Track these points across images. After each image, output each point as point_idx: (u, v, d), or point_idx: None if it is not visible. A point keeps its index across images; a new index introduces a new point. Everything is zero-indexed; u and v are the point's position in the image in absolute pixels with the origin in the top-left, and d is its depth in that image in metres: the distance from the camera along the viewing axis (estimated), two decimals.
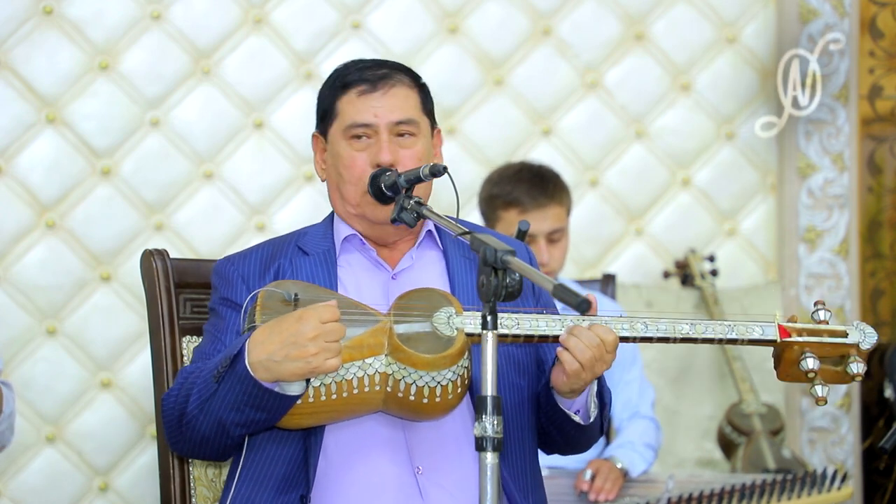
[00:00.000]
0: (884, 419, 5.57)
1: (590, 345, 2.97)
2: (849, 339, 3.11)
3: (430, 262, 3.24)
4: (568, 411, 3.12)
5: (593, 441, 3.25)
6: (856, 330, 3.13)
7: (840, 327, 3.12)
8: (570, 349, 2.98)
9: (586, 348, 2.97)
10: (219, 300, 3.21)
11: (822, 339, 3.10)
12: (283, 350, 2.92)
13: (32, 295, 5.29)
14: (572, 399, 3.11)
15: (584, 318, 3.01)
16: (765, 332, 3.10)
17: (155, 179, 5.40)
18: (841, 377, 3.12)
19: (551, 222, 4.61)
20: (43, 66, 5.33)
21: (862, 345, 3.11)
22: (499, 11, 5.64)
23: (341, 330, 2.93)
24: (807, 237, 5.76)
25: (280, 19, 5.50)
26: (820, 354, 3.10)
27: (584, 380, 3.02)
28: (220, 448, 3.09)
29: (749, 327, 3.09)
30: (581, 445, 3.25)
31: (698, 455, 5.56)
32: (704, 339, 3.07)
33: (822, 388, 3.10)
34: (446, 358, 2.97)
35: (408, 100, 3.22)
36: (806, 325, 3.11)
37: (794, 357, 3.10)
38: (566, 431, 3.17)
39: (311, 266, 3.19)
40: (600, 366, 3.00)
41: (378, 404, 3.02)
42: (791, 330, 3.10)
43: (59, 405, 5.30)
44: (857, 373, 3.10)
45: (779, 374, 3.14)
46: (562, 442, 3.23)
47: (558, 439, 3.22)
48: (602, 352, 2.99)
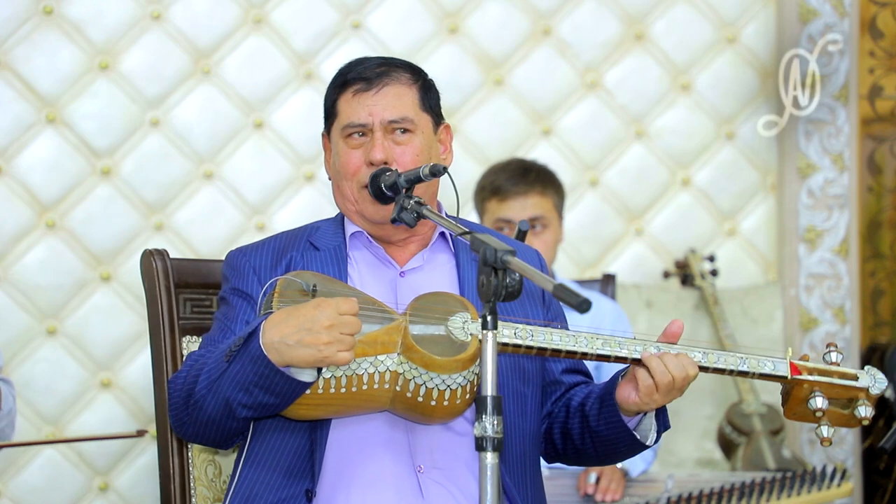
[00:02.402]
0: (884, 419, 5.57)
1: (674, 370, 3.02)
2: (859, 382, 3.12)
3: (441, 264, 3.25)
4: (634, 430, 3.13)
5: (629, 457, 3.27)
6: (867, 375, 3.14)
7: (851, 370, 3.13)
8: (653, 371, 3.02)
9: (668, 373, 3.01)
10: (230, 290, 3.22)
11: (833, 380, 3.11)
12: (297, 335, 2.92)
13: (32, 295, 5.29)
14: (631, 417, 3.13)
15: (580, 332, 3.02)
16: (776, 367, 3.11)
17: (155, 179, 5.41)
18: (847, 420, 3.13)
19: (531, 210, 4.61)
20: (43, 66, 5.33)
21: (872, 390, 3.12)
22: (499, 11, 5.64)
23: (357, 324, 2.93)
24: (807, 237, 5.76)
25: (280, 19, 5.50)
26: (829, 395, 3.10)
27: (655, 402, 3.06)
28: (224, 431, 3.09)
29: (761, 361, 3.10)
30: (614, 460, 3.28)
31: (698, 455, 5.56)
32: (716, 368, 3.09)
33: (828, 429, 3.11)
34: (458, 362, 2.98)
35: (403, 98, 3.22)
36: (817, 365, 3.12)
37: (803, 395, 3.11)
38: (614, 446, 3.18)
39: (321, 261, 3.20)
40: (675, 394, 3.04)
41: (385, 403, 3.03)
42: (802, 368, 3.11)
43: (59, 405, 5.30)
44: (865, 416, 3.11)
45: (786, 411, 3.15)
46: (594, 455, 3.23)
47: (592, 452, 3.22)
48: (683, 384, 3.04)
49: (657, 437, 3.17)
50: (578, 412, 3.20)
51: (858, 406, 3.11)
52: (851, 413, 3.12)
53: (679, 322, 3.10)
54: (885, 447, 3.37)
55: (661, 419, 3.16)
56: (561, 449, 3.26)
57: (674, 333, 3.08)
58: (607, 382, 3.15)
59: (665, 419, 3.17)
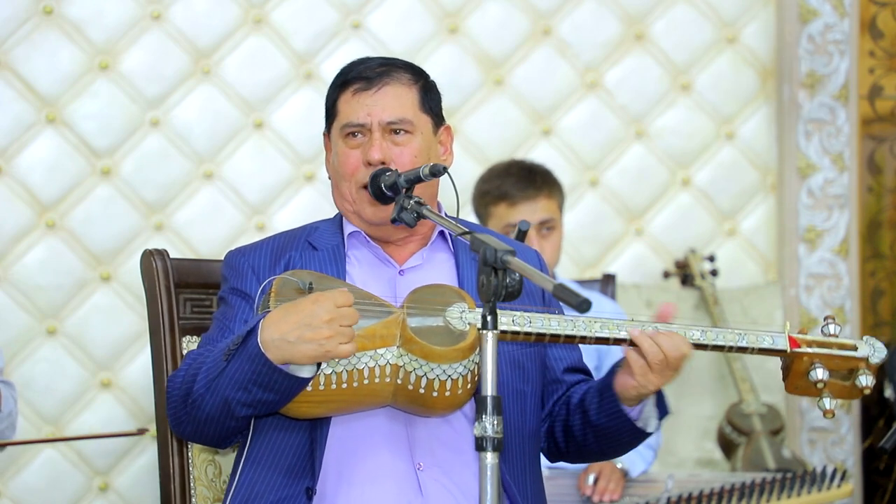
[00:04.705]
0: (884, 419, 5.57)
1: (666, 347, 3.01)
2: (858, 352, 3.12)
3: (440, 263, 3.25)
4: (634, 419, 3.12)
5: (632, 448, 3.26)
6: (865, 344, 3.13)
7: (850, 341, 3.13)
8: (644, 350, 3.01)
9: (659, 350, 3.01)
10: (229, 290, 3.22)
11: (832, 351, 3.11)
12: (297, 331, 2.92)
13: (32, 295, 5.29)
14: (632, 406, 3.12)
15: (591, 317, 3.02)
16: (775, 341, 3.10)
17: (155, 179, 5.41)
18: (849, 392, 3.13)
19: (541, 213, 4.64)
20: (43, 66, 5.33)
21: (871, 359, 3.12)
22: (499, 11, 5.64)
23: (355, 315, 2.94)
24: (807, 237, 5.76)
25: (280, 19, 5.50)
26: (829, 367, 3.10)
27: (652, 382, 3.04)
28: (222, 430, 3.09)
29: (759, 336, 3.09)
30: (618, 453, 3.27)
31: (698, 455, 5.56)
32: (715, 346, 3.09)
33: (830, 400, 3.11)
34: (458, 351, 2.98)
35: (402, 98, 3.22)
36: (815, 337, 3.12)
37: (803, 368, 3.10)
38: (616, 437, 3.17)
39: (320, 260, 3.20)
40: (669, 373, 3.03)
41: (387, 397, 3.03)
42: (801, 341, 3.10)
43: (59, 405, 5.30)
44: (867, 385, 3.11)
45: (787, 386, 3.14)
46: (596, 449, 3.22)
47: (594, 447, 3.21)
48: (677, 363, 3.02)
49: (658, 423, 3.16)
50: (578, 408, 3.20)
51: (859, 376, 3.11)
52: (853, 383, 3.12)
53: (669, 304, 3.11)
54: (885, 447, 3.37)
55: (661, 406, 3.16)
56: (564, 447, 3.27)
57: (663, 315, 3.08)
58: (605, 376, 3.16)
59: (664, 405, 3.16)
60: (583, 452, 3.26)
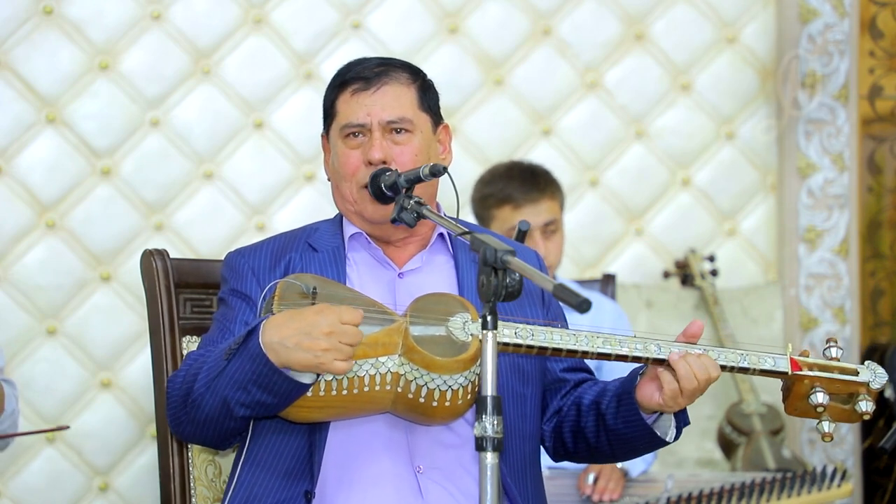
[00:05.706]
0: (884, 419, 5.57)
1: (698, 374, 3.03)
2: (859, 377, 3.12)
3: (440, 266, 3.25)
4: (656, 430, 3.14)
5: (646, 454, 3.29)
6: (867, 369, 3.13)
7: (851, 366, 3.13)
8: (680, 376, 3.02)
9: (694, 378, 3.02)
10: (228, 291, 3.22)
11: (833, 374, 3.11)
12: (296, 338, 2.91)
13: (32, 295, 5.29)
14: (649, 415, 3.13)
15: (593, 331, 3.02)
16: (777, 363, 3.11)
17: (155, 179, 5.41)
18: (849, 415, 3.13)
19: (545, 215, 4.65)
20: (43, 66, 5.33)
21: (872, 384, 3.12)
22: (499, 11, 5.64)
23: (358, 334, 2.93)
24: (807, 237, 5.76)
25: (280, 19, 5.50)
26: (830, 390, 3.10)
27: (679, 405, 3.07)
28: (221, 431, 3.09)
29: (761, 357, 3.10)
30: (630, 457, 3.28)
31: (698, 455, 5.56)
32: None
33: (829, 424, 3.11)
34: (460, 362, 2.98)
35: (401, 98, 3.22)
36: (817, 360, 3.12)
37: (803, 391, 3.11)
38: (633, 444, 3.18)
39: (320, 262, 3.20)
40: (697, 395, 3.06)
41: (387, 404, 3.02)
42: (802, 364, 3.11)
43: (59, 405, 5.30)
44: (866, 411, 3.11)
45: (787, 407, 3.15)
46: (609, 452, 3.23)
47: (607, 450, 3.22)
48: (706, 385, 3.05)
49: (677, 433, 3.17)
50: (592, 410, 3.19)
51: (859, 401, 3.11)
52: (852, 408, 3.12)
53: (699, 323, 3.11)
54: (885, 447, 3.37)
55: (681, 416, 3.17)
56: (572, 447, 3.26)
57: (694, 334, 3.09)
58: (624, 380, 3.15)
59: (685, 416, 3.17)
60: (593, 454, 3.26)
